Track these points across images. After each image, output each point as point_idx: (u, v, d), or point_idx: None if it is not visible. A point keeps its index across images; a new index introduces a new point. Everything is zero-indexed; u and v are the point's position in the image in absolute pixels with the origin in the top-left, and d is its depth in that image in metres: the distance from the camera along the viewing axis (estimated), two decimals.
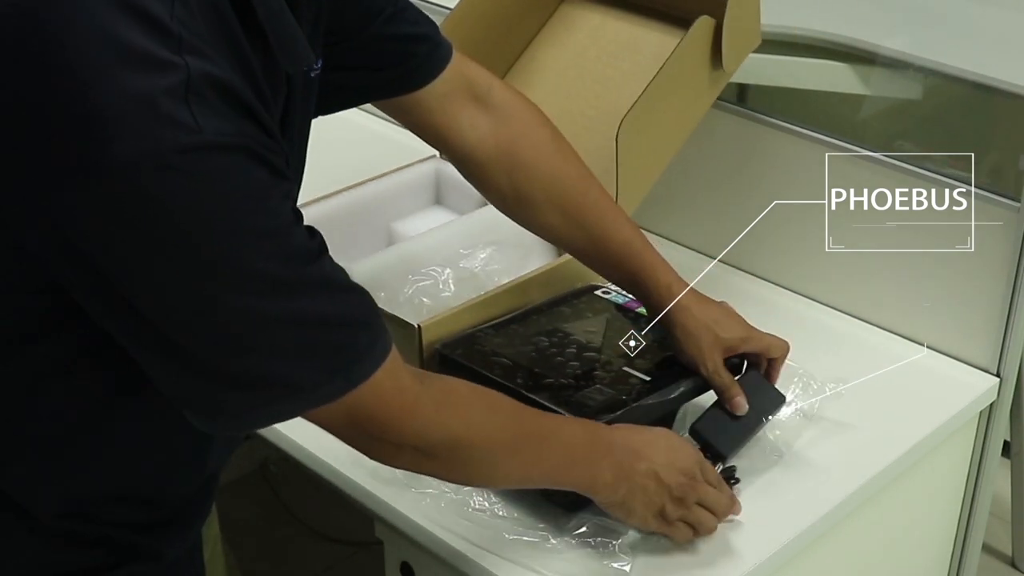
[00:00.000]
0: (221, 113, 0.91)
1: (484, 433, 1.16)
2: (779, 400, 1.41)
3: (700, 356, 1.37)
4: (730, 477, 1.35)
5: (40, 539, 1.10)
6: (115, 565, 1.14)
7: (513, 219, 1.44)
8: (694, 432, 1.37)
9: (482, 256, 1.58)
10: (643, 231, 1.84)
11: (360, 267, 1.52)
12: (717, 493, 1.28)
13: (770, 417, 1.40)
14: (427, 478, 1.34)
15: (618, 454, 1.23)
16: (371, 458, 1.14)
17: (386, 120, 2.19)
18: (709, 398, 1.42)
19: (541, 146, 1.39)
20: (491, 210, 1.67)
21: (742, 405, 1.37)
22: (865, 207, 1.65)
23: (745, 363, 1.41)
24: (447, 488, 1.34)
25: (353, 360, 1.03)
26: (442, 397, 1.13)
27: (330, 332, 1.01)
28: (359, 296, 1.05)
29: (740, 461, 1.38)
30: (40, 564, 1.11)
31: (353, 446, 1.12)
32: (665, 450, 1.26)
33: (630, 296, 1.53)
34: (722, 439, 1.36)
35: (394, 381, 1.06)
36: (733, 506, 1.29)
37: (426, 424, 1.10)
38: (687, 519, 1.26)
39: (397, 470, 1.36)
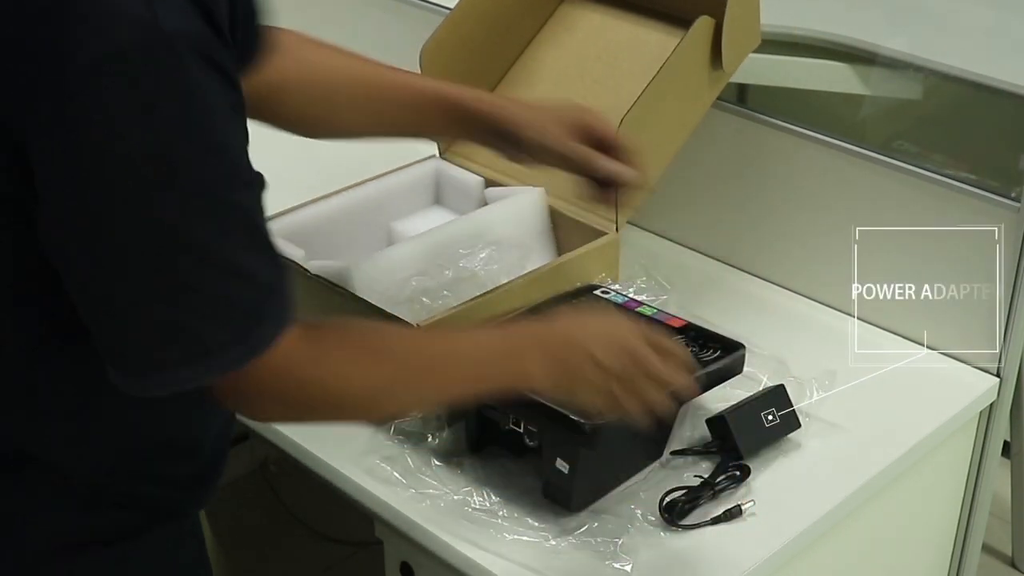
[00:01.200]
0: (182, 10, 0.92)
1: (364, 383, 1.11)
2: (795, 425, 1.43)
3: (549, 134, 1.32)
4: (743, 475, 1.36)
5: (74, 502, 1.11)
6: (146, 527, 1.15)
7: (319, 135, 1.40)
8: (721, 420, 1.38)
9: (482, 256, 1.58)
10: (643, 231, 1.86)
11: (360, 267, 1.52)
12: (666, 368, 1.18)
13: (785, 437, 1.42)
14: (428, 478, 1.35)
15: (545, 346, 1.17)
16: (243, 415, 1.13)
17: None
18: (709, 397, 1.42)
19: (312, 48, 1.38)
20: (491, 210, 1.67)
21: (607, 167, 1.32)
22: (865, 208, 1.66)
23: (766, 380, 1.45)
24: (447, 488, 1.34)
25: (259, 323, 1.01)
26: (322, 354, 1.09)
27: (247, 286, 1.00)
28: (279, 261, 1.04)
29: None
30: (72, 528, 1.12)
31: (224, 405, 1.10)
32: (603, 334, 1.18)
33: (630, 296, 1.54)
34: (746, 438, 1.38)
35: (285, 348, 1.04)
36: (685, 377, 1.21)
37: (304, 382, 1.07)
38: (638, 397, 1.18)
39: (396, 471, 1.36)
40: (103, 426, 1.10)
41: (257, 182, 1.02)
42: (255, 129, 1.13)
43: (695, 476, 1.36)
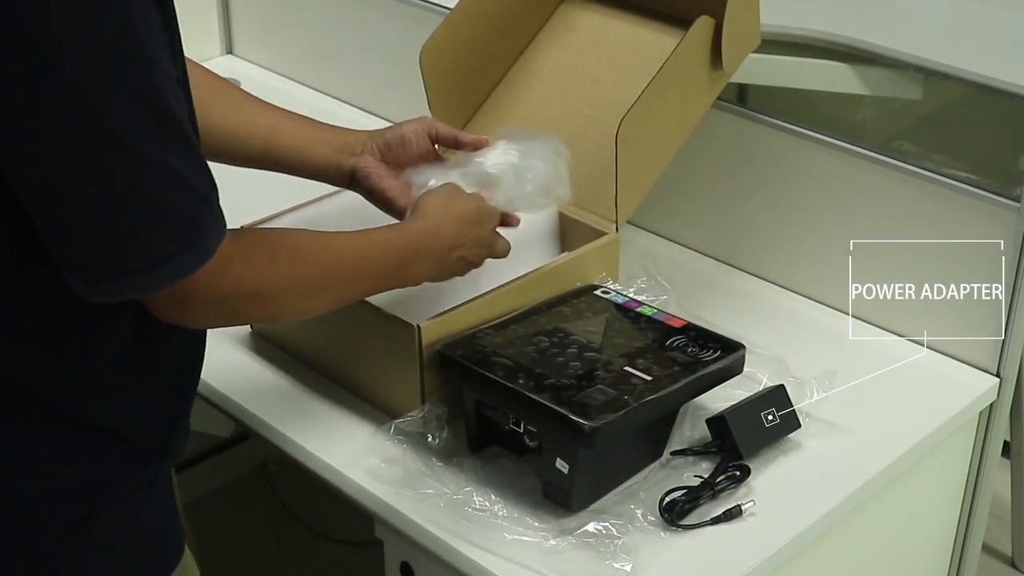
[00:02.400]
0: None
1: (288, 280, 1.21)
2: (795, 425, 1.43)
3: (429, 126, 1.52)
4: (743, 476, 1.36)
5: (60, 449, 1.13)
6: (123, 476, 1.17)
7: None
8: (721, 420, 1.38)
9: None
10: (643, 231, 1.86)
11: None
12: (495, 239, 1.45)
13: (785, 437, 1.42)
14: (428, 478, 1.35)
15: (430, 252, 1.36)
16: (180, 322, 1.15)
17: (387, 120, 2.19)
18: (709, 398, 1.42)
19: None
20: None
21: (481, 140, 1.52)
22: (865, 208, 1.66)
23: (766, 380, 1.45)
24: (447, 488, 1.34)
25: (201, 234, 1.06)
26: (250, 255, 1.15)
27: (189, 197, 1.04)
28: (211, 175, 1.08)
29: None
30: (58, 475, 1.14)
31: (162, 315, 1.13)
32: (460, 220, 1.39)
33: (630, 296, 1.54)
34: (746, 438, 1.38)
35: (221, 253, 1.09)
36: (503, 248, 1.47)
37: (238, 283, 1.14)
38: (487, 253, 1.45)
39: (396, 471, 1.36)
40: (87, 354, 1.12)
41: (187, 100, 1.06)
42: None
43: (695, 476, 1.36)
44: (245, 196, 1.38)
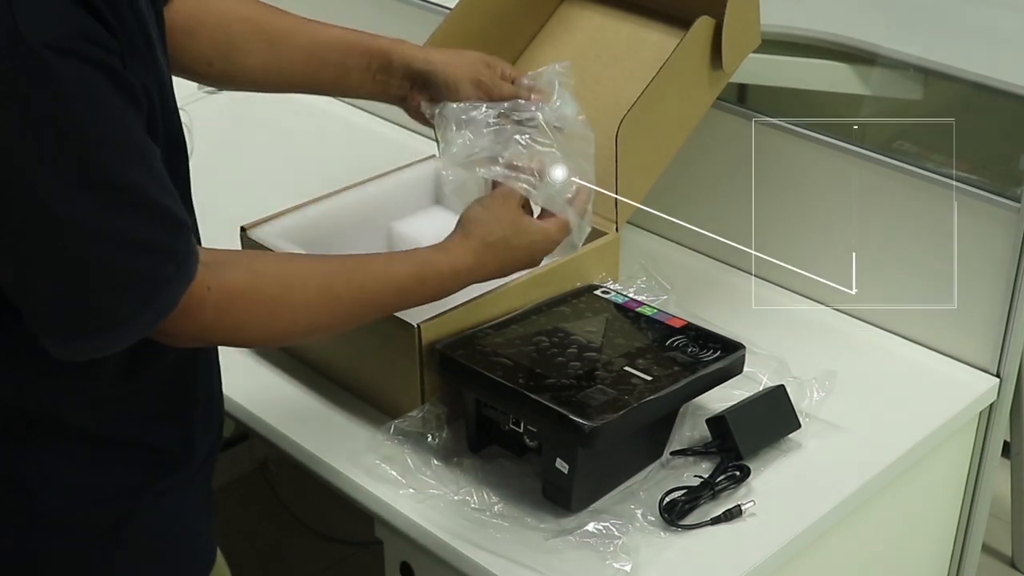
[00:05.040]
0: (48, 12, 0.93)
1: (268, 334, 1.21)
2: (795, 425, 1.43)
3: (463, 69, 1.43)
4: (743, 476, 1.36)
5: (82, 461, 1.14)
6: (148, 482, 1.18)
7: (224, 83, 1.45)
8: (721, 420, 1.38)
9: None
10: (644, 231, 1.86)
11: None
12: (546, 232, 1.38)
13: (785, 437, 1.43)
14: (428, 479, 1.35)
15: (455, 283, 1.34)
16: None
17: (386, 120, 2.19)
18: (709, 398, 1.42)
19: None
20: None
21: (508, 89, 1.44)
22: (865, 208, 1.66)
23: (766, 380, 1.45)
24: (447, 488, 1.34)
25: (161, 290, 1.05)
26: (228, 303, 1.13)
27: (145, 257, 1.03)
28: (176, 221, 1.06)
29: None
30: (82, 487, 1.15)
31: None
32: (497, 248, 1.36)
33: (630, 296, 1.54)
34: (746, 438, 1.38)
35: (188, 300, 1.08)
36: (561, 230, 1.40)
37: (211, 327, 1.13)
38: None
39: (396, 471, 1.36)
40: (89, 373, 1.11)
41: (151, 151, 1.04)
42: (255, 131, 1.13)
43: (695, 476, 1.36)
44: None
